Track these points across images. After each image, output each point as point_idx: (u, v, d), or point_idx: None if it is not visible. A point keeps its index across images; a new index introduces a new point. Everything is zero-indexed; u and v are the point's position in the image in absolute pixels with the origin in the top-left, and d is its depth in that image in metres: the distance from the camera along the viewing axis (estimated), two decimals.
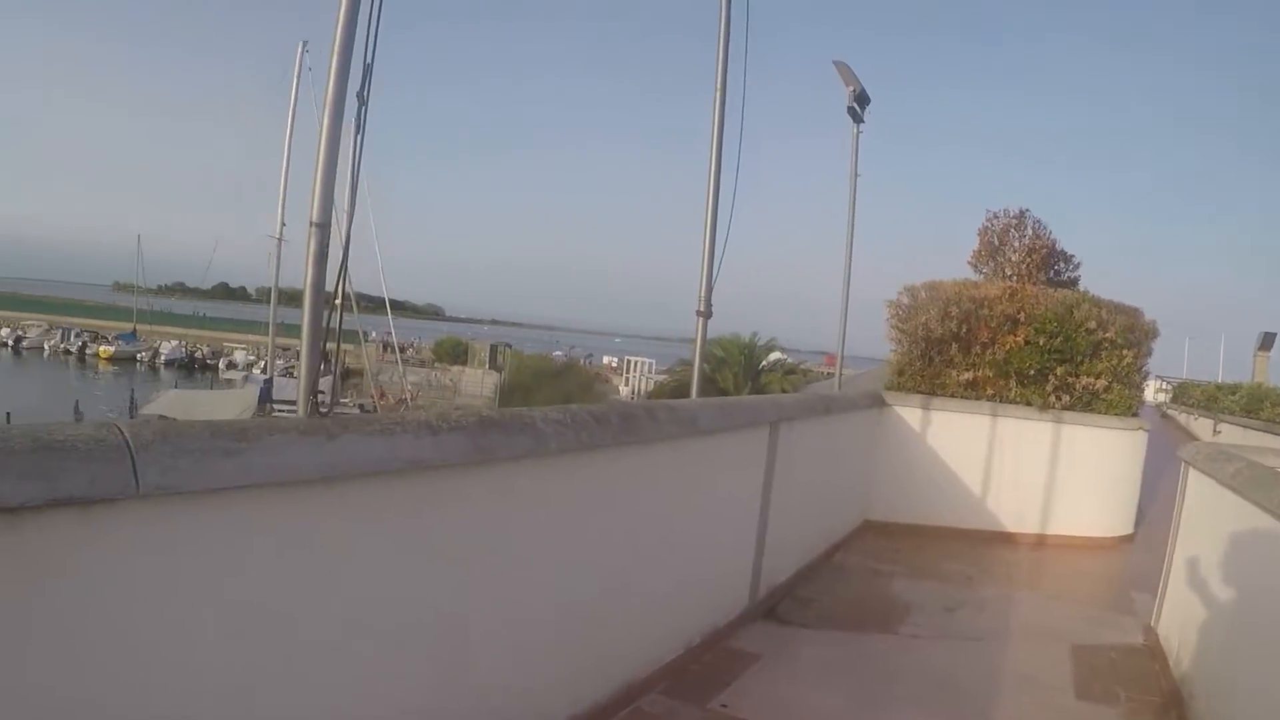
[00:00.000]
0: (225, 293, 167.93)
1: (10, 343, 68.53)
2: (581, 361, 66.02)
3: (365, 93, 2.64)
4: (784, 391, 30.42)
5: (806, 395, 6.80)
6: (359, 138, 2.68)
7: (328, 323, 2.53)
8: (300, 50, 30.52)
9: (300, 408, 2.30)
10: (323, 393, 2.53)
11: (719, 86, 5.76)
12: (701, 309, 5.84)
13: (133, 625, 1.74)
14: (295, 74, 30.69)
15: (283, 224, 31.08)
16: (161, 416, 27.89)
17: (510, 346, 64.26)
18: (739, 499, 5.13)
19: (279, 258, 31.11)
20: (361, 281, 41.38)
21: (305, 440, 2.00)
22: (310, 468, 2.02)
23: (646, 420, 3.75)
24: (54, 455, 1.55)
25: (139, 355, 64.98)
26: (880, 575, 6.88)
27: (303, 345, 2.50)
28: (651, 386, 49.33)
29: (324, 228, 2.66)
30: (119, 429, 1.69)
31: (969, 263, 11.44)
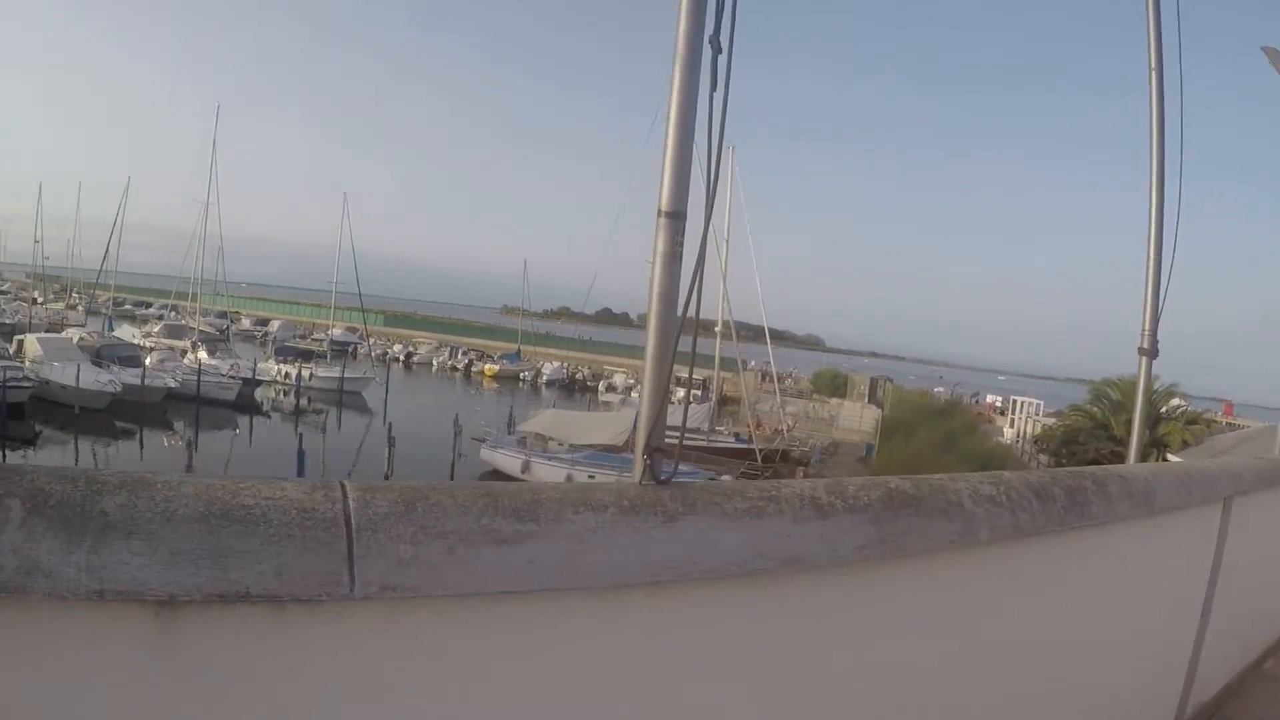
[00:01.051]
0: (608, 317, 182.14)
1: (402, 357, 73.81)
2: (965, 399, 60.86)
3: (722, 35, 1.83)
4: (1186, 444, 25.90)
5: (1262, 462, 5.19)
6: (715, 95, 1.87)
7: (677, 343, 1.79)
8: None
9: (635, 466, 1.57)
10: (675, 430, 1.75)
11: (1151, 66, 4.45)
12: (1144, 345, 4.45)
13: None
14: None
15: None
16: (529, 437, 29.61)
17: (890, 380, 61.33)
18: (1181, 595, 3.94)
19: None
20: (741, 309, 41.91)
21: (627, 523, 1.27)
22: (631, 566, 1.28)
23: (1096, 496, 2.67)
24: (230, 530, 0.96)
25: (522, 374, 66.91)
26: None
27: (645, 375, 1.78)
28: (1038, 430, 44.62)
29: (676, 218, 1.94)
30: (341, 492, 1.07)
31: None
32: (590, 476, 27.74)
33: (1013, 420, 52.75)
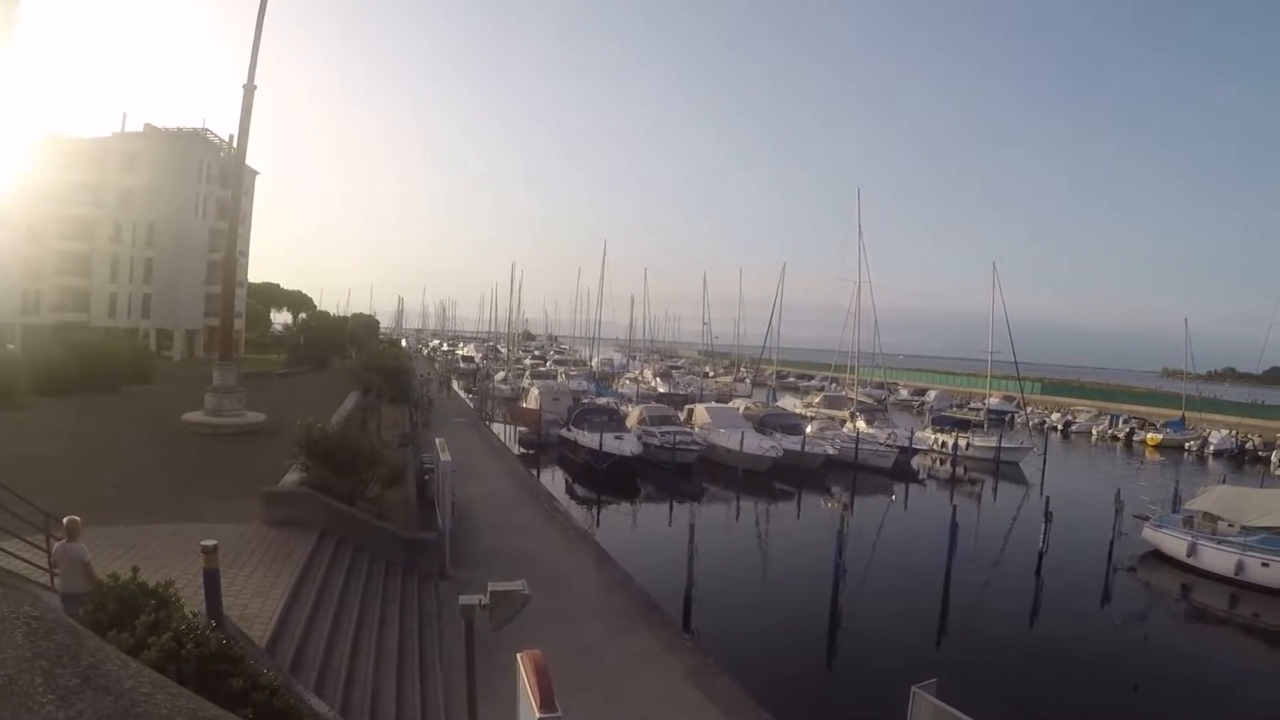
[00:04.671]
0: (1276, 378, 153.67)
1: (1060, 426, 72.78)
2: None
3: None
4: None
5: None
6: None
7: None
8: None
9: None
10: None
11: None
12: None
13: None
14: None
15: None
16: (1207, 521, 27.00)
17: None
18: None
19: None
20: None
21: None
22: None
23: None
24: None
25: (1186, 444, 62.06)
26: None
27: None
28: None
29: None
30: None
31: None
32: (1264, 565, 24.20)
33: None
